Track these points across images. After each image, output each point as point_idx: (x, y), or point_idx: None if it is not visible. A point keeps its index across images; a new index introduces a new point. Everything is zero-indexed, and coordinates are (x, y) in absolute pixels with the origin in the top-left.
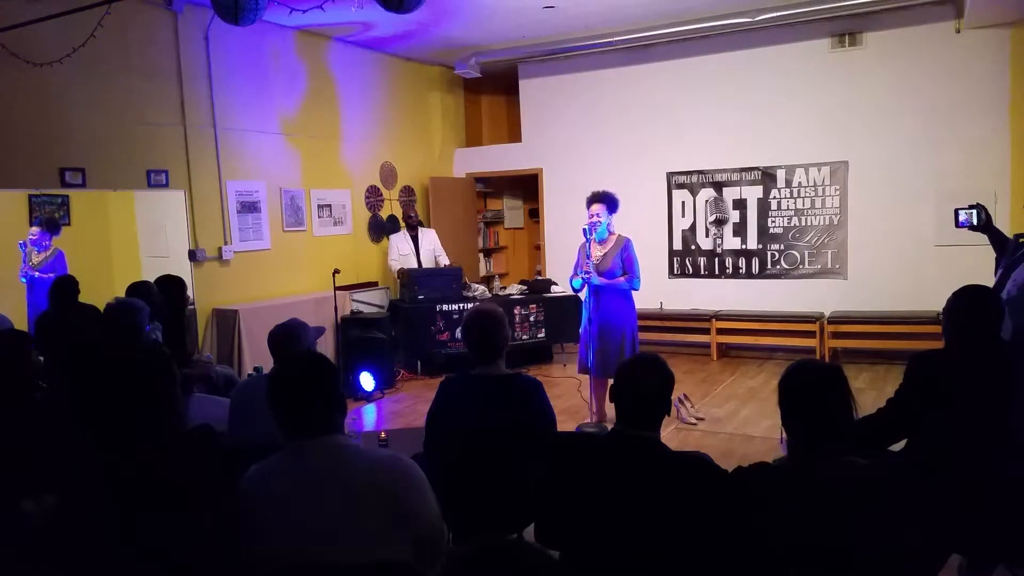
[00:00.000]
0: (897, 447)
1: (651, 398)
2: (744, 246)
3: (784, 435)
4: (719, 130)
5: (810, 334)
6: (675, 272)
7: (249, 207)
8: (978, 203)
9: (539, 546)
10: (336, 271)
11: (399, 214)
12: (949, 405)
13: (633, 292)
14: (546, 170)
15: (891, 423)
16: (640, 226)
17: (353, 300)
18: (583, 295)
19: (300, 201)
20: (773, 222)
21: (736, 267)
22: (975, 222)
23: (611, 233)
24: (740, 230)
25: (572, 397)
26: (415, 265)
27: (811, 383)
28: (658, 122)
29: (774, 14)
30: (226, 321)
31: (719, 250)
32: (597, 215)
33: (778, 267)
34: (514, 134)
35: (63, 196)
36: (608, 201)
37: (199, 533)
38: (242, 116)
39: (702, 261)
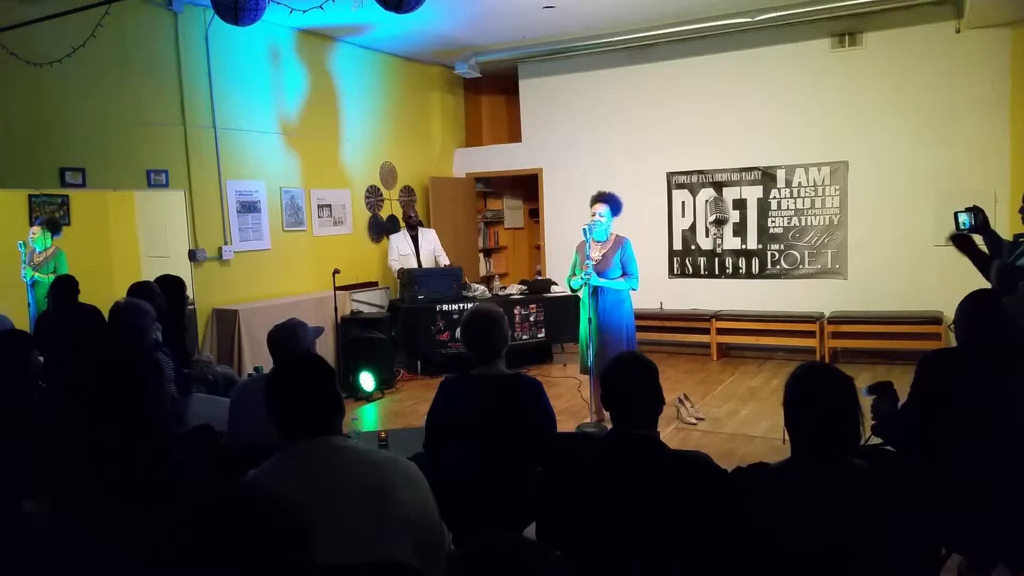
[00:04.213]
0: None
1: (642, 395)
2: (744, 246)
3: (786, 437)
4: (719, 130)
5: (810, 334)
6: (675, 272)
7: (249, 207)
8: (975, 205)
9: (540, 545)
10: (336, 271)
11: (399, 214)
12: (953, 405)
13: (631, 292)
14: (546, 170)
15: (917, 423)
16: (640, 226)
17: (353, 300)
18: (582, 295)
19: (300, 201)
20: (773, 222)
21: (736, 267)
22: (974, 223)
23: (611, 234)
24: (740, 230)
25: (572, 397)
26: (415, 265)
27: (820, 390)
28: (658, 122)
29: (774, 14)
30: (226, 321)
31: (719, 250)
32: (599, 215)
33: (778, 267)
34: (514, 134)
35: (63, 196)
36: (612, 203)
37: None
38: (242, 116)
39: (702, 261)
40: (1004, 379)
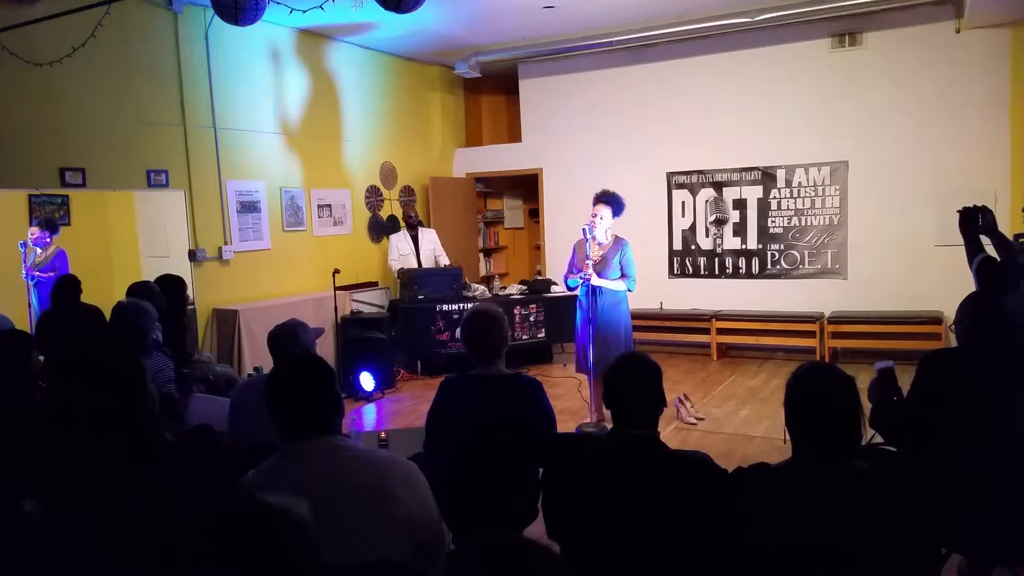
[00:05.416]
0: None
1: (645, 395)
2: (744, 246)
3: (787, 437)
4: (719, 130)
5: (810, 334)
6: (675, 272)
7: (249, 207)
8: (984, 205)
9: (540, 545)
10: (336, 271)
11: (399, 214)
12: (952, 405)
13: (628, 293)
14: (546, 170)
15: (917, 421)
16: (640, 226)
17: (353, 300)
18: (579, 293)
19: (300, 201)
20: (773, 222)
21: (736, 267)
22: (981, 223)
23: (611, 235)
24: (740, 230)
25: (572, 397)
26: (415, 265)
27: (821, 390)
28: (658, 122)
29: (774, 14)
30: (226, 321)
31: (719, 250)
32: (600, 216)
33: (778, 267)
34: (514, 134)
35: (63, 196)
36: (613, 204)
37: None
38: (242, 116)
39: (702, 261)
40: (1004, 379)
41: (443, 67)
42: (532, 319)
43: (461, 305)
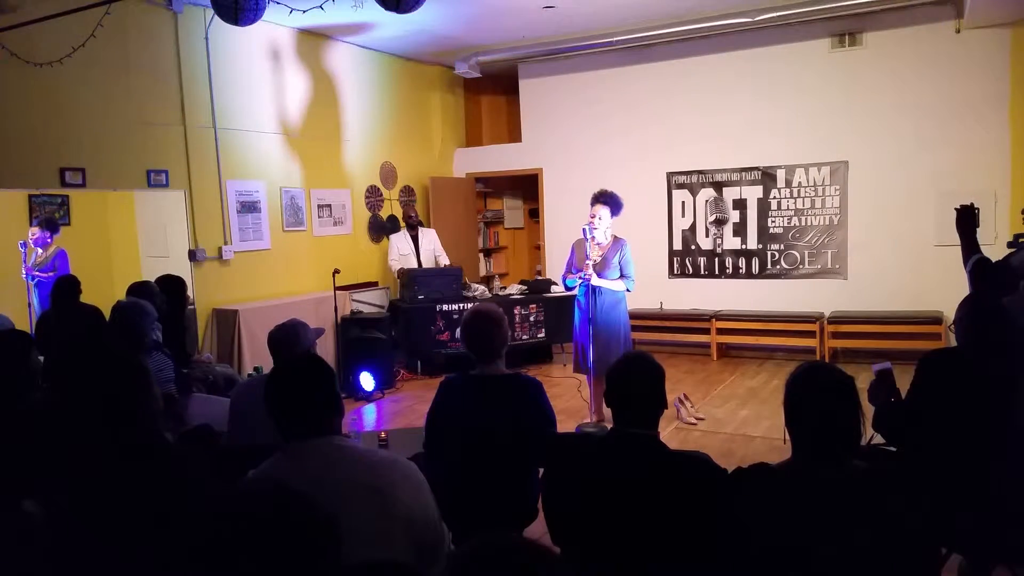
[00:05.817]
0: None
1: (646, 395)
2: (744, 246)
3: (787, 437)
4: (719, 130)
5: (810, 334)
6: (675, 272)
7: (249, 207)
8: (971, 203)
9: (540, 545)
10: (336, 271)
11: (399, 214)
12: (952, 405)
13: (626, 293)
14: (546, 170)
15: (917, 421)
16: (640, 226)
17: (353, 300)
18: (577, 293)
19: (300, 201)
20: (773, 222)
21: (736, 267)
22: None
23: (610, 235)
24: (740, 230)
25: (572, 397)
26: (415, 265)
27: (820, 390)
28: (658, 122)
29: (774, 14)
30: (226, 321)
31: (719, 250)
32: (598, 216)
33: (778, 267)
34: (514, 134)
35: (63, 196)
36: (611, 204)
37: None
38: (242, 116)
39: (702, 261)
40: (1004, 379)
41: (443, 67)
42: (532, 319)
43: (461, 305)
